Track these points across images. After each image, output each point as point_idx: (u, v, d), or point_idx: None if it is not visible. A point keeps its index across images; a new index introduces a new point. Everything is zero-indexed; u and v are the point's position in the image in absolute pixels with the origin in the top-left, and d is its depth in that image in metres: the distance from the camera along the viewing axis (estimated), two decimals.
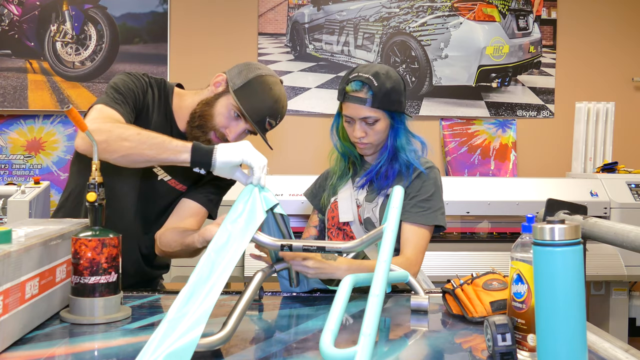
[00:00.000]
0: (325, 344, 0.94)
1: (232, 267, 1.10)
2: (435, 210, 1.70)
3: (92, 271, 1.21)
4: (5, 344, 1.04)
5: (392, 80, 1.68)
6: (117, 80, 1.59)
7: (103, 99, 1.52)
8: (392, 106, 1.68)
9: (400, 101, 1.70)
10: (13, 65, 3.83)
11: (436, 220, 1.69)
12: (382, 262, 1.06)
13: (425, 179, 1.71)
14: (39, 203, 2.93)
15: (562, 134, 3.94)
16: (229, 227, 1.18)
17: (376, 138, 1.71)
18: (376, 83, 1.65)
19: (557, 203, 1.36)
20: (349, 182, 1.79)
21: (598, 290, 3.21)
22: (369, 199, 1.73)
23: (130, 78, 1.60)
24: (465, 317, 1.24)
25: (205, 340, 1.02)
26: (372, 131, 1.70)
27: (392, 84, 1.67)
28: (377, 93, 1.65)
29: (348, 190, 1.77)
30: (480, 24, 4.00)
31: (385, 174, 1.72)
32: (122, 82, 1.58)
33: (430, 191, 1.70)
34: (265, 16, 3.96)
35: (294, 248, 1.27)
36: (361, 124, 1.69)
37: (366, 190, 1.75)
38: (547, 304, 0.87)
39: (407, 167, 1.72)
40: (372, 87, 1.65)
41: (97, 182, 1.26)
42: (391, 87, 1.67)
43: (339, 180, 1.81)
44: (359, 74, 1.69)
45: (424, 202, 1.69)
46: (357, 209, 1.74)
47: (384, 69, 1.70)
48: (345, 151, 1.81)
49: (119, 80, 1.58)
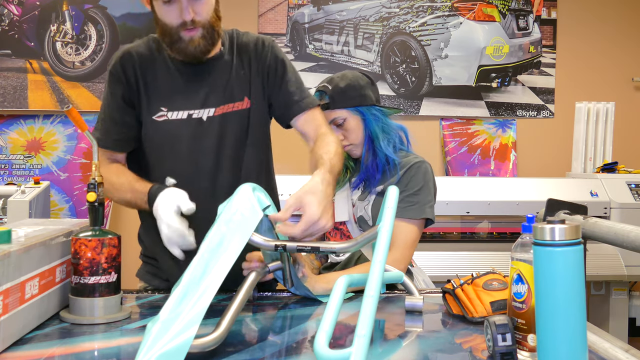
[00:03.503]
0: (320, 345, 0.94)
1: (227, 268, 1.09)
2: (424, 204, 1.69)
3: (92, 271, 1.21)
4: (5, 344, 1.04)
5: (347, 79, 1.77)
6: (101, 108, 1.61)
7: (95, 134, 1.55)
8: (353, 101, 1.76)
9: (363, 95, 1.77)
10: (13, 65, 3.83)
11: (424, 213, 1.68)
12: (377, 263, 1.05)
13: (414, 174, 1.71)
14: (39, 203, 2.93)
15: (562, 134, 3.94)
16: (223, 227, 1.16)
17: (354, 137, 1.77)
18: (330, 87, 1.76)
19: (557, 203, 1.36)
20: (346, 184, 1.81)
21: (598, 290, 3.21)
22: (361, 198, 1.75)
23: (106, 91, 1.61)
24: (465, 317, 1.24)
25: (198, 341, 1.01)
26: (347, 131, 1.76)
27: (347, 82, 1.76)
28: (333, 95, 1.75)
29: (345, 191, 1.80)
30: (480, 24, 4.00)
31: (373, 166, 1.74)
32: (103, 103, 1.60)
33: (418, 185, 1.70)
34: (265, 16, 3.96)
35: (288, 248, 1.27)
36: (335, 129, 1.76)
37: (361, 190, 1.77)
38: (548, 304, 0.87)
39: (386, 158, 1.74)
40: (328, 92, 1.76)
41: (97, 182, 1.26)
42: (346, 85, 1.76)
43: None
44: (317, 86, 1.81)
45: (412, 196, 1.69)
46: (352, 208, 1.76)
47: (340, 73, 1.82)
48: None
49: (103, 103, 1.61)
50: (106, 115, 1.57)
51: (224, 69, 1.59)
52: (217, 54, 1.59)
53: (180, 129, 1.55)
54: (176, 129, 1.54)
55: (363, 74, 1.82)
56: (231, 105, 1.58)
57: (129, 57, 1.57)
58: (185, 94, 1.56)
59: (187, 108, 1.55)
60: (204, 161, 1.55)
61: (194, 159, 1.55)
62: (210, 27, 1.50)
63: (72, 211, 3.76)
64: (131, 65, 1.56)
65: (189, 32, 1.48)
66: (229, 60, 1.60)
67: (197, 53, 1.51)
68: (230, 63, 1.60)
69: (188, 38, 1.48)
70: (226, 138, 1.57)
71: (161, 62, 1.58)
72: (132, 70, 1.56)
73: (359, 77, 1.80)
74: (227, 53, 1.61)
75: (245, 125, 1.59)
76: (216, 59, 1.59)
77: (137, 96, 1.56)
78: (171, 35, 1.49)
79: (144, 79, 1.56)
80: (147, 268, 1.67)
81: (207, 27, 1.49)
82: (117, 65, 1.57)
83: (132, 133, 1.57)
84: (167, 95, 1.56)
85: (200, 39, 1.49)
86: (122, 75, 1.56)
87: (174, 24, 1.48)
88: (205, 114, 1.56)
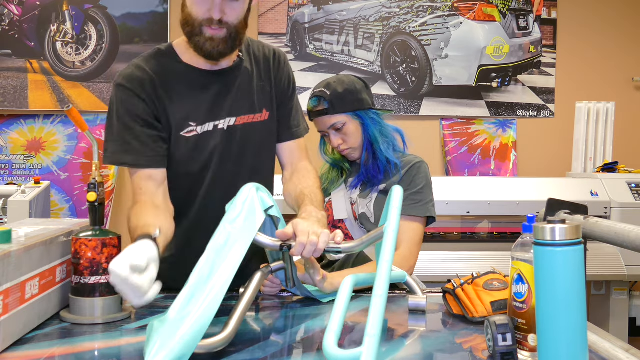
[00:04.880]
0: (329, 345, 0.94)
1: (234, 268, 1.10)
2: (427, 202, 1.74)
3: (92, 271, 1.21)
4: (5, 344, 1.04)
5: (345, 84, 1.79)
6: (115, 125, 1.46)
7: (114, 157, 1.45)
8: (352, 106, 1.78)
9: (360, 99, 1.79)
10: (13, 65, 3.83)
11: (428, 211, 1.74)
12: (384, 262, 1.05)
13: (415, 173, 1.76)
14: (39, 203, 2.93)
15: (562, 133, 3.94)
16: (228, 227, 1.17)
17: (353, 141, 1.79)
18: (328, 92, 1.77)
19: (557, 203, 1.36)
20: (342, 184, 1.85)
21: (598, 290, 3.21)
22: (362, 196, 1.78)
23: (120, 111, 1.46)
24: (465, 317, 1.24)
25: (206, 341, 1.01)
26: (346, 136, 1.78)
27: (344, 87, 1.78)
28: (332, 100, 1.76)
29: (342, 191, 1.84)
30: (481, 24, 4.00)
31: (374, 168, 1.78)
32: (120, 123, 1.46)
33: (421, 184, 1.75)
34: (265, 16, 3.96)
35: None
36: (334, 133, 1.79)
37: (359, 189, 1.80)
38: (548, 304, 0.87)
39: (387, 160, 1.78)
40: (326, 97, 1.77)
41: (97, 182, 1.26)
42: (344, 90, 1.77)
43: (330, 183, 1.89)
44: (314, 91, 1.82)
45: (415, 194, 1.73)
46: (352, 207, 1.78)
47: (335, 78, 1.84)
48: (336, 162, 1.90)
49: (118, 130, 1.46)
50: (128, 136, 1.45)
51: (246, 78, 1.56)
52: (237, 61, 1.55)
53: (208, 141, 1.51)
54: (204, 141, 1.50)
55: (358, 78, 1.85)
56: (252, 116, 1.56)
57: (144, 74, 1.48)
58: (210, 104, 1.52)
59: (213, 119, 1.51)
60: (224, 171, 1.54)
61: (216, 169, 1.53)
62: (235, 32, 1.44)
63: (72, 211, 3.76)
64: (150, 83, 1.47)
65: (212, 30, 1.41)
66: (250, 69, 1.58)
67: (215, 53, 1.44)
68: (251, 72, 1.57)
69: (209, 35, 1.42)
70: (247, 148, 1.56)
71: (180, 74, 1.51)
72: (152, 87, 1.47)
73: (355, 81, 1.82)
74: (246, 61, 1.58)
75: (263, 135, 1.59)
76: (237, 66, 1.55)
77: (160, 113, 1.47)
78: (193, 27, 1.43)
79: (168, 95, 1.48)
80: None
81: (232, 31, 1.43)
82: (135, 83, 1.47)
83: (163, 147, 1.48)
84: (194, 108, 1.50)
85: (221, 41, 1.43)
86: (143, 92, 1.46)
87: (200, 18, 1.41)
88: (227, 123, 1.53)
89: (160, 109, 1.47)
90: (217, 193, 1.52)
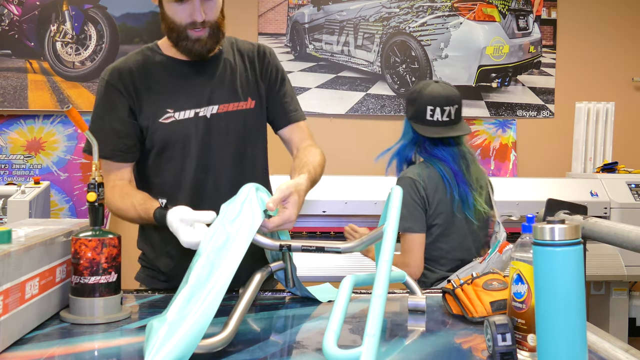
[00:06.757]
0: (329, 345, 0.94)
1: (234, 269, 1.10)
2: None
3: (92, 271, 1.21)
4: (5, 344, 1.04)
5: None
6: (92, 120, 1.56)
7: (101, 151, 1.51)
8: None
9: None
10: (13, 65, 3.83)
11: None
12: (384, 262, 1.05)
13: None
14: (39, 203, 2.93)
15: (562, 134, 3.94)
16: (228, 227, 1.17)
17: None
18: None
19: (557, 203, 1.36)
20: None
21: (598, 290, 3.21)
22: None
23: (101, 104, 1.56)
24: (465, 317, 1.24)
25: (206, 341, 1.01)
26: None
27: None
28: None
29: None
30: (480, 24, 4.00)
31: None
32: (97, 117, 1.55)
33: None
34: (265, 16, 3.96)
35: (292, 248, 1.27)
36: None
37: None
38: (547, 304, 0.87)
39: None
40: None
41: (97, 182, 1.26)
42: None
43: None
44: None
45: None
46: None
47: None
48: None
49: (93, 119, 1.56)
50: (106, 128, 1.52)
51: (227, 68, 1.60)
52: (216, 53, 1.60)
53: (188, 128, 1.55)
54: (184, 128, 1.55)
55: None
56: (236, 104, 1.60)
57: (125, 67, 1.56)
58: (191, 92, 1.56)
59: (194, 106, 1.55)
60: (209, 158, 1.57)
61: (200, 157, 1.56)
62: (216, 26, 1.52)
63: (72, 211, 3.76)
64: (128, 74, 1.55)
65: (197, 32, 1.49)
66: (232, 60, 1.62)
67: (204, 52, 1.53)
68: (233, 63, 1.61)
69: (195, 37, 1.50)
70: (230, 136, 1.58)
71: (160, 65, 1.58)
72: (130, 79, 1.54)
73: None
74: (226, 52, 1.62)
75: (248, 124, 1.61)
76: (217, 56, 1.60)
77: (138, 104, 1.54)
78: (179, 32, 1.50)
79: (146, 84, 1.55)
80: (146, 272, 1.67)
81: (214, 27, 1.51)
82: (114, 75, 1.55)
83: (135, 143, 1.55)
84: (172, 96, 1.55)
85: (207, 39, 1.51)
86: (120, 84, 1.54)
87: (184, 23, 1.49)
88: (209, 111, 1.57)
89: (137, 100, 1.54)
90: (205, 183, 1.56)
